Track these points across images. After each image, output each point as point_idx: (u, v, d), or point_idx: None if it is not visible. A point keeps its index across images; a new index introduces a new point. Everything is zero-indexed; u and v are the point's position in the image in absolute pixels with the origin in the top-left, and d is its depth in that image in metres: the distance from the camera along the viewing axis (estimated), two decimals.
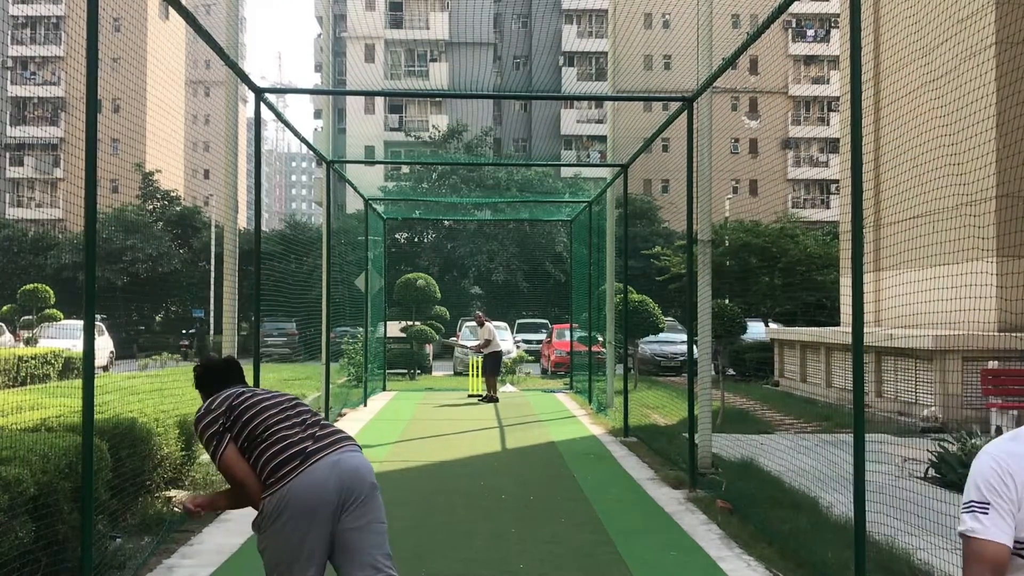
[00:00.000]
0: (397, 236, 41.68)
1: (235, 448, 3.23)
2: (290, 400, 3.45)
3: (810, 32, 58.30)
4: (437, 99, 54.56)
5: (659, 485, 8.34)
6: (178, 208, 44.45)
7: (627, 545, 6.16)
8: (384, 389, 18.59)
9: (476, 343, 17.25)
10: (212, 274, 38.05)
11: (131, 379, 12.46)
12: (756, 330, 21.66)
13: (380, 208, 19.81)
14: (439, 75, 54.19)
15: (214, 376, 3.53)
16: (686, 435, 8.61)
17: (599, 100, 50.84)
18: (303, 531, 3.09)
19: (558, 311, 36.32)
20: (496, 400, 16.15)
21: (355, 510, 3.20)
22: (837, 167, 22.53)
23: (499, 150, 55.48)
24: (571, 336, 20.39)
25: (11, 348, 18.92)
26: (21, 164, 57.35)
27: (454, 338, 26.26)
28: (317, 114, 65.15)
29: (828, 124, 56.99)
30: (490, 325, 16.86)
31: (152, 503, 6.67)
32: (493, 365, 16.43)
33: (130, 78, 54.44)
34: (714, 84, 8.23)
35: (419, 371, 22.95)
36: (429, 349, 24.23)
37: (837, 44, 33.89)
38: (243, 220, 44.82)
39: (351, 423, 12.85)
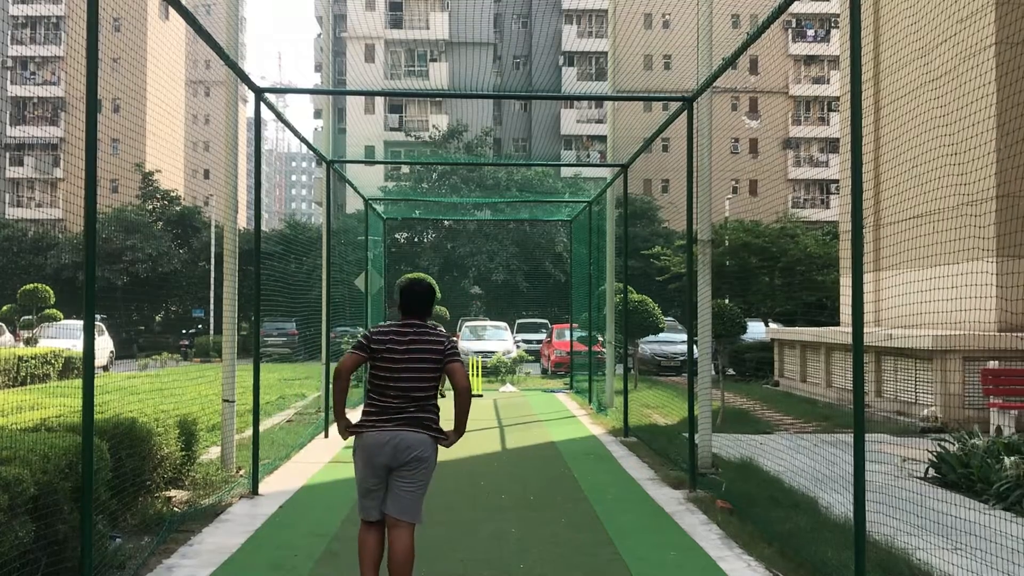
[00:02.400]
0: (397, 236, 41.66)
1: (355, 358, 4.68)
2: (404, 378, 4.64)
3: (810, 32, 58.29)
4: (437, 99, 54.57)
5: (659, 485, 8.33)
6: (178, 208, 44.42)
7: (627, 545, 6.16)
8: None
9: None
10: (212, 274, 38.04)
11: (131, 379, 12.47)
12: (756, 330, 21.66)
13: (380, 208, 19.80)
14: (439, 75, 54.20)
15: (401, 300, 4.82)
16: (686, 435, 8.60)
17: (599, 100, 50.85)
18: (366, 464, 4.65)
19: (558, 311, 36.31)
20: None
21: (401, 468, 4.62)
22: (837, 167, 22.53)
23: (499, 150, 55.47)
24: (571, 336, 20.39)
25: (11, 348, 18.91)
26: (21, 164, 57.39)
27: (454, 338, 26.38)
28: (317, 114, 65.18)
29: (828, 124, 56.98)
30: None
31: (152, 503, 6.67)
32: None
33: (130, 78, 54.46)
34: (714, 84, 8.23)
35: None
36: None
37: (837, 44, 33.87)
38: (243, 220, 44.84)
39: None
